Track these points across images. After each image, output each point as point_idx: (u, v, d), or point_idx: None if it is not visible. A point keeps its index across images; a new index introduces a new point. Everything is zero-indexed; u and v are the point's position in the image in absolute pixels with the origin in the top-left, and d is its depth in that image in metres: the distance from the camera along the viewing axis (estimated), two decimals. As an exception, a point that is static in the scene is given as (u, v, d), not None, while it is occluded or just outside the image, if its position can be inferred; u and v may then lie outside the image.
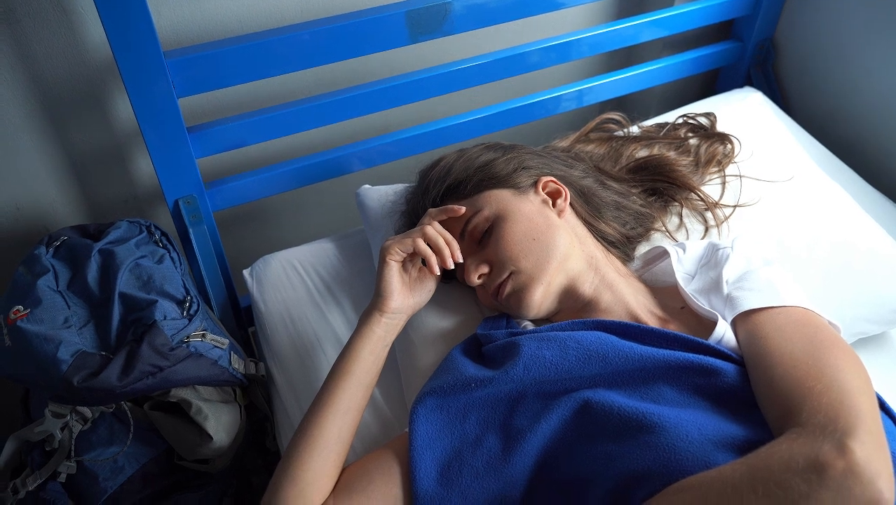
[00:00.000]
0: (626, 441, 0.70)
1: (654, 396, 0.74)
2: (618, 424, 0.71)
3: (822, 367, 0.68)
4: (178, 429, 0.97)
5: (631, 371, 0.76)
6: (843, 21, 1.35)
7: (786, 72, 1.50)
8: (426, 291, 0.91)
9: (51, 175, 1.16)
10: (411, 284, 0.90)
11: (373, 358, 0.85)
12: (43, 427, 0.93)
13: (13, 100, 1.06)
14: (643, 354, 0.76)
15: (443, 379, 0.82)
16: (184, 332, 0.95)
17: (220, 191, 1.14)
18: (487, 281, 0.89)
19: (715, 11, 1.38)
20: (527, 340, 0.81)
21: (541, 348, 0.79)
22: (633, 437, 0.69)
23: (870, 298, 1.04)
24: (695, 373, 0.74)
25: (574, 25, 1.43)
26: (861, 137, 1.38)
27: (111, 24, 0.87)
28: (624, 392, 0.76)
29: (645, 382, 0.76)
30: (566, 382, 0.77)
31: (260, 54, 1.01)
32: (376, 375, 0.86)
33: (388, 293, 0.86)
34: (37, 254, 1.00)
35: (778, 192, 1.09)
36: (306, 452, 0.78)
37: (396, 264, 0.87)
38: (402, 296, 0.88)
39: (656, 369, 0.76)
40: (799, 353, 0.71)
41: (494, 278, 0.87)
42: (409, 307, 0.89)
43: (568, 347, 0.78)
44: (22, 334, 0.90)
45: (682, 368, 0.75)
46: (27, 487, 0.93)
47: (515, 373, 0.77)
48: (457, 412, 0.80)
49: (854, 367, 0.69)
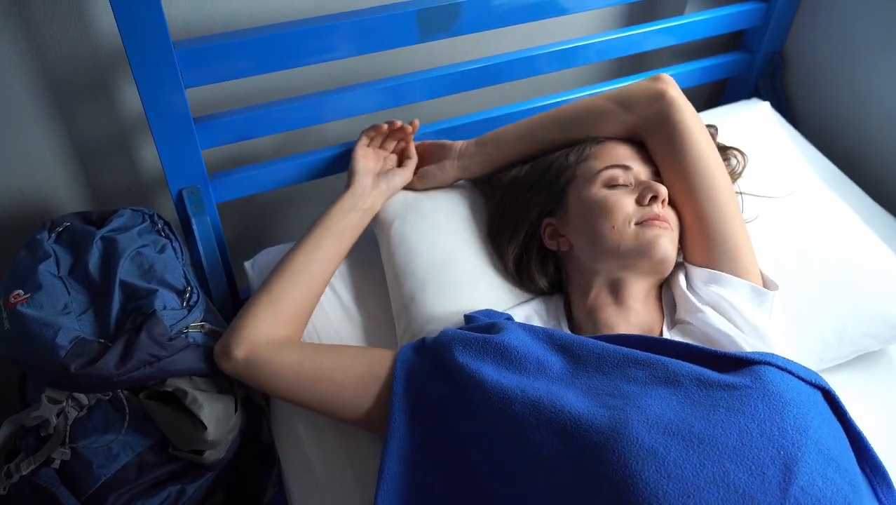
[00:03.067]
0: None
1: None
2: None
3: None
4: (172, 419, 0.97)
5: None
6: (853, 35, 1.34)
7: (794, 84, 1.50)
8: (398, 175, 1.08)
9: (55, 160, 1.16)
10: (381, 172, 1.08)
11: (341, 214, 1.01)
12: (39, 412, 0.92)
13: (21, 84, 1.06)
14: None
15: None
16: (183, 322, 0.95)
17: (224, 182, 1.14)
18: (660, 208, 0.92)
19: (725, 21, 1.38)
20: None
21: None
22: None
23: (870, 314, 1.04)
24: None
25: (584, 30, 1.43)
26: (867, 152, 1.38)
27: (121, 11, 0.87)
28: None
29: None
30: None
31: (269, 48, 1.01)
32: (346, 229, 1.02)
33: (352, 172, 1.06)
34: (39, 239, 1.00)
35: (779, 206, 1.09)
36: (278, 276, 0.96)
37: (361, 154, 1.07)
38: (368, 174, 1.06)
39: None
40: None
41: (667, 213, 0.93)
42: (380, 185, 1.06)
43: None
44: (21, 319, 0.90)
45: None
46: (21, 472, 0.93)
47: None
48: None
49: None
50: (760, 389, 0.72)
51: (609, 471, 0.67)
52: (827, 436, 0.71)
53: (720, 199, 0.92)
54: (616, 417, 0.71)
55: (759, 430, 0.69)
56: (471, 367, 0.81)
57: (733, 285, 0.89)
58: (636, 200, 0.92)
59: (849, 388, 0.96)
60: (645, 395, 0.74)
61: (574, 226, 0.96)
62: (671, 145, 0.95)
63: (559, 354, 0.82)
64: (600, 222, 0.91)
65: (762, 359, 0.76)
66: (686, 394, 0.74)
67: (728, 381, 0.74)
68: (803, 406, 0.72)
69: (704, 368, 0.77)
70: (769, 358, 0.77)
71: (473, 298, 0.98)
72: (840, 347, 1.04)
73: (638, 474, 0.66)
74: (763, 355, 0.77)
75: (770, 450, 0.68)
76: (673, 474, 0.65)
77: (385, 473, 0.80)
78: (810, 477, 0.66)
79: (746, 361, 0.77)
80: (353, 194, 1.03)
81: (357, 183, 1.04)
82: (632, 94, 1.00)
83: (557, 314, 0.96)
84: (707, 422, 0.70)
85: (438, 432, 0.82)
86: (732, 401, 0.71)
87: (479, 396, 0.79)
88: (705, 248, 0.92)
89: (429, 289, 0.98)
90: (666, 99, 0.96)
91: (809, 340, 1.02)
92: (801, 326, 1.02)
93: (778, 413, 0.70)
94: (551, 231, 0.99)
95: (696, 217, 0.93)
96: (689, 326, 0.89)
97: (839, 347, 1.04)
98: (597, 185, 0.95)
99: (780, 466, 0.67)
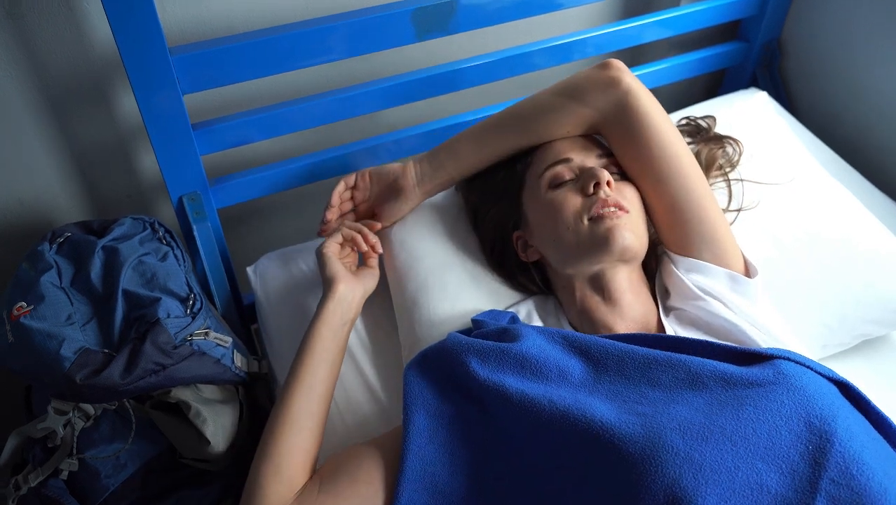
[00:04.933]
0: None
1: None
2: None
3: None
4: (177, 429, 0.97)
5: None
6: (851, 22, 1.34)
7: (792, 73, 1.50)
8: (370, 276, 1.00)
9: (54, 170, 1.16)
10: (355, 273, 0.98)
11: (331, 335, 0.91)
12: (45, 424, 0.92)
13: (17, 95, 1.06)
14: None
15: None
16: (187, 330, 0.95)
17: (224, 188, 1.14)
18: (608, 193, 0.88)
19: (721, 12, 1.37)
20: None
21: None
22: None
23: (873, 299, 1.04)
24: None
25: (580, 25, 1.42)
26: (866, 139, 1.38)
27: (116, 19, 0.87)
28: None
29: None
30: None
31: (265, 52, 1.01)
32: (339, 353, 0.92)
33: (332, 277, 0.94)
34: (40, 250, 1.00)
35: (780, 192, 1.09)
36: (278, 430, 0.83)
37: (334, 254, 0.97)
38: (348, 278, 0.95)
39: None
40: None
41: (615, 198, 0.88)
42: (358, 290, 0.96)
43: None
44: (25, 331, 0.90)
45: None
46: (29, 484, 0.93)
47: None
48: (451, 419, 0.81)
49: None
50: (784, 384, 0.71)
51: (648, 481, 0.65)
52: (854, 425, 0.70)
53: (691, 183, 0.90)
54: (648, 424, 0.69)
55: (787, 427, 0.68)
56: (493, 381, 0.78)
57: (713, 274, 0.89)
58: (581, 191, 0.89)
59: (854, 376, 0.95)
60: (672, 400, 0.73)
61: (536, 234, 0.94)
62: (632, 134, 0.91)
63: (577, 357, 0.80)
64: (554, 226, 0.89)
65: (780, 354, 0.76)
66: (712, 394, 0.73)
67: (751, 377, 0.73)
68: (827, 398, 0.71)
69: (723, 363, 0.76)
70: (787, 353, 0.76)
71: (475, 300, 0.98)
72: (842, 332, 1.04)
73: (676, 483, 0.65)
74: (780, 351, 0.77)
75: (798, 446, 0.67)
76: (710, 480, 0.65)
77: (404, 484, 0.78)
78: (843, 467, 0.66)
79: (766, 356, 0.76)
80: (339, 303, 0.92)
81: (339, 290, 0.93)
82: (582, 86, 0.94)
83: (557, 312, 0.95)
84: (738, 422, 0.69)
85: (458, 449, 0.80)
86: (759, 398, 0.70)
87: (504, 410, 0.77)
88: (683, 235, 0.90)
89: (431, 292, 0.98)
90: (622, 86, 0.91)
91: (812, 325, 1.02)
92: (803, 311, 1.02)
93: (803, 407, 0.69)
94: (522, 244, 0.97)
95: (669, 205, 0.90)
96: (684, 312, 0.89)
97: (841, 333, 1.04)
98: (543, 188, 0.92)
99: (810, 461, 0.66)
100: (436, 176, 1.02)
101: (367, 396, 1.00)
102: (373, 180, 1.04)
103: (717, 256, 0.89)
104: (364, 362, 1.03)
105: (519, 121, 0.98)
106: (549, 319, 0.95)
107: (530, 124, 0.97)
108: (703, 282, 0.88)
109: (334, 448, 0.91)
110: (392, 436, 0.83)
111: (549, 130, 0.96)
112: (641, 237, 0.89)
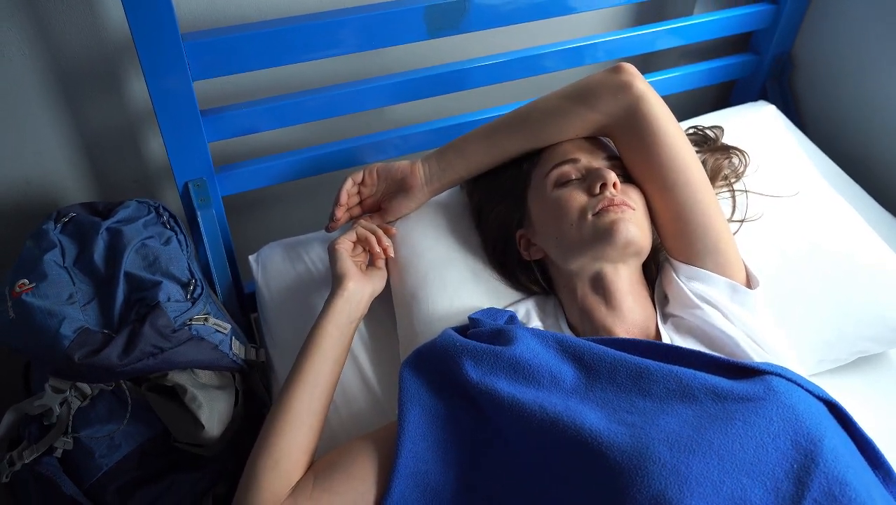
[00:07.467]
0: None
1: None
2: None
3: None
4: (173, 412, 0.97)
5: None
6: (862, 38, 1.34)
7: (802, 86, 1.50)
8: (379, 277, 1.00)
9: (62, 151, 1.17)
10: (364, 272, 0.98)
11: (338, 333, 0.90)
12: (42, 401, 0.93)
13: (29, 75, 1.06)
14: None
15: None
16: (186, 314, 0.96)
17: (230, 176, 1.14)
18: (614, 193, 0.88)
19: (733, 23, 1.37)
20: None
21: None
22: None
23: (872, 316, 1.04)
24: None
25: (592, 29, 1.43)
26: (873, 155, 1.38)
27: (131, 3, 0.88)
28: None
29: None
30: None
31: (277, 42, 1.01)
32: (344, 350, 0.91)
33: (343, 274, 0.94)
34: (45, 229, 1.01)
35: (783, 206, 1.09)
36: (279, 425, 0.83)
37: (346, 252, 0.96)
38: (358, 277, 0.95)
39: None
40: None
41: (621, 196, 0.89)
42: (367, 290, 0.96)
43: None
44: (26, 308, 0.91)
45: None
46: (23, 460, 0.93)
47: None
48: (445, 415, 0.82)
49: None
50: (774, 400, 0.72)
51: (634, 491, 0.66)
52: (840, 446, 0.70)
53: (698, 192, 0.90)
54: (636, 435, 0.70)
55: (774, 444, 0.69)
56: (485, 384, 0.78)
57: (714, 283, 0.89)
58: (587, 191, 0.89)
59: (848, 392, 0.95)
60: (662, 411, 0.73)
61: (540, 233, 0.94)
62: (642, 140, 0.90)
63: (570, 363, 0.81)
64: (558, 223, 0.89)
65: (771, 370, 0.76)
66: (702, 407, 0.73)
67: (741, 392, 0.73)
68: (815, 418, 0.71)
69: (714, 375, 0.76)
70: (778, 370, 0.77)
71: (475, 297, 0.98)
72: (840, 347, 1.04)
73: (662, 494, 0.65)
74: (772, 366, 0.77)
75: (784, 464, 0.68)
76: (695, 493, 0.65)
77: (397, 478, 0.78)
78: (826, 488, 0.66)
79: (758, 371, 0.77)
80: (348, 301, 0.92)
81: (349, 287, 0.93)
82: (593, 90, 0.93)
83: (556, 312, 0.95)
84: (726, 437, 0.69)
85: (451, 448, 0.80)
86: (748, 414, 0.71)
87: (495, 413, 0.78)
88: (686, 243, 0.91)
89: (430, 287, 0.98)
90: (633, 91, 0.90)
91: (810, 340, 1.02)
92: (802, 325, 1.02)
93: (791, 426, 0.70)
94: (525, 242, 0.98)
95: (674, 212, 0.91)
96: (682, 320, 0.89)
97: (839, 349, 1.04)
98: (549, 186, 0.93)
99: (794, 480, 0.67)
100: (444, 175, 1.02)
101: (363, 389, 1.01)
102: (380, 177, 1.04)
103: (720, 266, 0.90)
104: (361, 355, 1.04)
105: (528, 123, 0.98)
106: (547, 320, 0.95)
107: (539, 127, 0.97)
108: (703, 290, 0.88)
109: (328, 440, 0.92)
110: (387, 431, 0.84)
111: (557, 134, 0.96)
112: (645, 234, 0.89)
